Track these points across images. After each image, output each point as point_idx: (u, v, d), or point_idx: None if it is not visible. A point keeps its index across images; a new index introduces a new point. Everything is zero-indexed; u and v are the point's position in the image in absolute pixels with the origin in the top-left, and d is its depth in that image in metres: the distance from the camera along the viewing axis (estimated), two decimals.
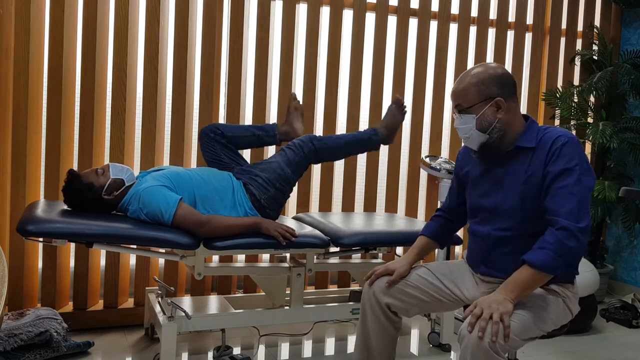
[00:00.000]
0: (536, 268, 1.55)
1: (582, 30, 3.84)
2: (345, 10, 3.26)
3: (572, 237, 1.54)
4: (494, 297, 1.54)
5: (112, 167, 2.32)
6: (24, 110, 2.64)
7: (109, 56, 2.83)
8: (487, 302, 1.53)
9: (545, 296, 1.68)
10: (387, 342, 1.83)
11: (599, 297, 3.61)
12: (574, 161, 1.61)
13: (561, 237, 1.55)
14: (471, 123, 1.71)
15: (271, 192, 2.44)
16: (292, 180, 2.50)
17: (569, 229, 1.55)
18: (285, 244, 2.29)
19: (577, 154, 1.62)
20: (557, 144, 1.64)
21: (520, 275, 1.58)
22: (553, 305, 1.67)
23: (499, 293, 1.56)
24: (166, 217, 2.18)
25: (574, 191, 1.58)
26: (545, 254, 1.55)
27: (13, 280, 2.67)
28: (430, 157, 3.39)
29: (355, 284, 3.36)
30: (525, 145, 1.71)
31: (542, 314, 1.61)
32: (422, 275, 1.86)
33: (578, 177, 1.59)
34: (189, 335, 2.77)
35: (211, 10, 2.95)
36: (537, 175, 1.67)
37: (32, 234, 2.00)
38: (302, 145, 2.51)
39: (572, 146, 1.63)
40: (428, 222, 2.06)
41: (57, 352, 2.38)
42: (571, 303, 1.73)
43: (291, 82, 3.13)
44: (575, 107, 3.65)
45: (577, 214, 1.56)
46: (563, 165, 1.61)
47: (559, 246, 1.55)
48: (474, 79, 1.71)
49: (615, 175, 3.68)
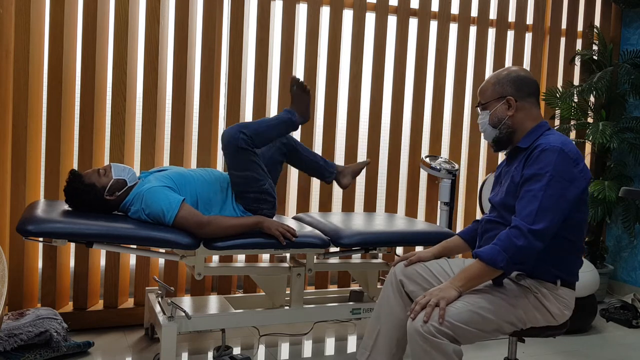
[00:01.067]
0: (482, 260, 1.66)
1: (582, 30, 3.84)
2: (345, 10, 3.26)
3: (522, 236, 1.63)
4: (440, 286, 1.68)
5: (114, 167, 2.31)
6: (24, 110, 2.64)
7: (109, 56, 2.83)
8: (432, 290, 1.67)
9: (510, 288, 1.74)
10: (396, 325, 1.88)
11: (599, 297, 3.61)
12: (547, 168, 1.67)
13: (511, 235, 1.64)
14: (486, 118, 1.87)
15: (250, 197, 2.38)
16: (257, 177, 2.35)
17: (520, 229, 1.63)
18: (285, 244, 2.29)
19: (553, 161, 1.67)
20: (537, 149, 1.72)
21: (470, 267, 1.68)
22: (515, 298, 1.72)
23: (447, 282, 1.69)
24: (168, 218, 2.18)
25: (538, 195, 1.66)
26: (491, 249, 1.65)
27: (13, 280, 2.67)
28: (430, 157, 3.39)
29: (355, 284, 3.36)
30: (520, 146, 1.81)
31: (497, 304, 1.68)
32: (439, 263, 1.95)
33: (546, 183, 1.66)
34: (189, 335, 2.76)
35: (211, 10, 2.95)
36: (517, 176, 1.77)
37: (32, 234, 2.00)
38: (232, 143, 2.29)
39: (550, 153, 1.68)
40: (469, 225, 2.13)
41: (57, 352, 2.38)
42: (549, 302, 1.75)
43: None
44: (575, 107, 3.65)
45: (534, 216, 1.64)
46: (535, 171, 1.69)
47: (507, 243, 1.64)
48: (493, 79, 1.86)
49: (615, 175, 3.68)
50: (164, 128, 2.97)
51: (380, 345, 1.87)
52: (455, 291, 1.65)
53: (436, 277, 1.90)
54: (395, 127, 3.37)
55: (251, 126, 2.35)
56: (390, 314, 1.89)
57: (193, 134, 3.01)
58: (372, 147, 3.31)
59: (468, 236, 2.05)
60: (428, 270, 1.91)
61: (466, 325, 1.60)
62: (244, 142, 2.30)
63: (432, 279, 1.90)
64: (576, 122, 3.70)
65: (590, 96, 3.66)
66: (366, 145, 3.32)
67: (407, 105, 3.42)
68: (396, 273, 1.92)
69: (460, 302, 1.64)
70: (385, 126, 3.38)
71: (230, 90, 3.02)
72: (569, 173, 1.67)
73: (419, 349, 1.57)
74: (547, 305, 1.74)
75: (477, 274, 1.67)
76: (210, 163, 3.00)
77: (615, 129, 3.46)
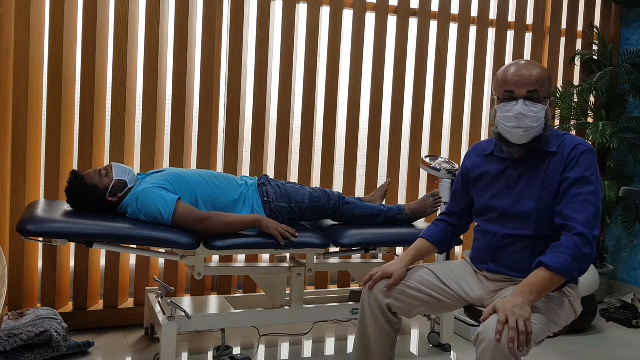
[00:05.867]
0: (553, 271, 1.57)
1: (582, 30, 3.84)
2: (345, 10, 3.26)
3: (588, 244, 1.58)
4: (513, 301, 1.51)
5: (115, 168, 2.31)
6: (24, 110, 2.64)
7: (109, 56, 2.83)
8: (509, 306, 1.50)
9: (555, 298, 1.69)
10: (386, 344, 1.83)
11: (599, 297, 3.61)
12: (591, 170, 1.64)
13: (578, 243, 1.58)
14: (542, 114, 1.69)
15: (284, 204, 2.44)
16: (303, 211, 2.48)
17: (586, 236, 1.58)
18: (284, 244, 2.29)
19: (594, 163, 1.66)
20: (577, 151, 1.67)
21: (537, 278, 1.57)
22: (562, 306, 1.68)
23: (517, 296, 1.53)
24: (165, 217, 2.18)
25: (591, 200, 1.61)
26: (563, 258, 1.57)
27: (13, 280, 2.67)
28: (430, 157, 3.39)
29: (355, 284, 3.36)
30: (547, 150, 1.72)
31: (553, 317, 1.63)
32: (424, 275, 1.86)
33: (595, 187, 1.63)
34: (189, 335, 2.76)
35: (211, 10, 2.95)
36: (554, 180, 1.69)
37: (32, 234, 2.00)
38: (331, 197, 2.53)
39: (590, 155, 1.66)
40: (430, 225, 2.04)
41: (57, 352, 2.38)
42: (576, 303, 1.75)
43: (291, 82, 3.13)
44: (575, 107, 3.65)
45: (592, 222, 1.60)
46: (581, 173, 1.64)
47: (576, 251, 1.57)
48: (545, 73, 1.70)
49: (615, 175, 3.68)
50: (164, 128, 2.97)
51: None
52: (529, 306, 1.52)
53: (425, 291, 1.82)
54: (395, 127, 3.37)
55: (351, 204, 2.61)
56: (379, 335, 1.81)
57: (193, 134, 3.01)
58: (372, 147, 3.31)
59: (437, 239, 1.96)
60: (413, 285, 1.82)
61: (534, 341, 1.56)
62: None
63: (421, 293, 1.82)
64: (576, 122, 3.70)
65: (590, 96, 3.66)
66: (366, 145, 3.32)
67: (407, 105, 3.42)
68: (379, 299, 1.80)
69: (534, 319, 1.57)
70: (385, 126, 3.38)
71: (230, 90, 3.02)
72: (599, 175, 1.67)
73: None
74: (575, 307, 1.74)
75: (548, 285, 1.57)
76: (210, 163, 3.00)
77: (615, 129, 3.46)
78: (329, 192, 2.56)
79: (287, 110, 3.13)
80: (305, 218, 2.51)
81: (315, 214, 2.51)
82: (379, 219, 2.64)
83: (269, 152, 3.18)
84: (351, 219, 2.59)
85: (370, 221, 2.62)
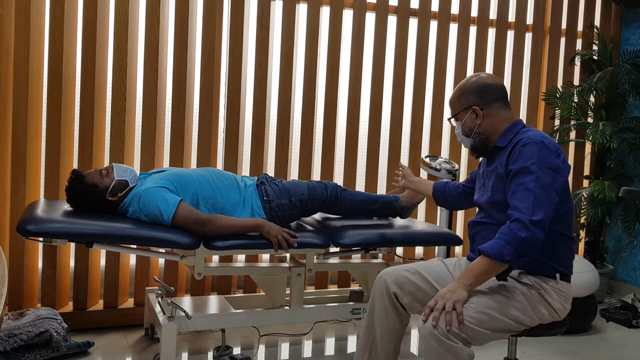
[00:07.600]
0: (487, 255, 1.66)
1: (582, 30, 3.84)
2: (345, 10, 3.26)
3: (524, 228, 1.64)
4: (448, 288, 1.66)
5: (115, 168, 2.31)
6: (24, 110, 2.64)
7: (109, 56, 2.83)
8: (443, 293, 1.64)
9: (513, 286, 1.75)
10: (392, 337, 1.89)
11: (599, 297, 3.61)
12: (532, 160, 1.71)
13: (513, 228, 1.65)
14: (459, 129, 1.94)
15: (285, 201, 2.44)
16: (303, 203, 2.49)
17: (522, 221, 1.65)
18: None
19: (536, 154, 1.72)
20: (519, 144, 1.76)
21: (475, 264, 1.68)
22: (521, 295, 1.73)
23: (454, 282, 1.68)
24: (165, 218, 2.18)
25: (530, 187, 1.69)
26: (496, 243, 1.66)
27: (13, 280, 2.67)
28: (430, 157, 3.38)
29: (355, 284, 3.36)
30: (499, 145, 1.86)
31: (503, 302, 1.69)
32: (435, 267, 1.94)
33: (536, 175, 1.69)
34: (189, 335, 2.76)
35: (211, 10, 2.95)
36: (502, 172, 1.80)
37: (32, 234, 2.00)
38: (327, 185, 2.56)
39: (532, 146, 1.73)
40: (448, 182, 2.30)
41: (57, 352, 2.38)
42: (551, 297, 1.76)
43: (291, 82, 3.13)
44: (575, 107, 3.65)
45: (532, 208, 1.66)
46: (521, 164, 1.73)
47: (511, 236, 1.65)
48: (458, 91, 1.92)
49: (615, 175, 3.68)
50: (164, 128, 2.97)
51: (378, 357, 1.89)
52: (465, 291, 1.65)
53: (430, 284, 1.89)
54: (395, 127, 3.37)
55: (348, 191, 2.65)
56: (385, 325, 1.89)
57: (193, 134, 3.01)
58: (372, 147, 3.31)
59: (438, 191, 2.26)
60: (421, 277, 1.89)
61: (477, 327, 1.61)
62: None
63: (427, 286, 1.89)
64: (576, 122, 3.70)
65: (590, 96, 3.66)
66: (366, 145, 3.33)
67: (407, 105, 3.42)
68: (388, 284, 1.89)
69: (473, 303, 1.65)
70: (385, 126, 3.39)
71: (230, 90, 3.02)
72: (554, 163, 1.71)
73: (434, 352, 1.57)
74: (550, 301, 1.76)
75: (484, 270, 1.66)
76: (210, 163, 3.00)
77: (615, 129, 3.46)
78: (325, 182, 2.59)
79: (287, 110, 3.13)
80: (306, 210, 2.52)
81: (315, 203, 2.52)
82: (376, 205, 2.67)
83: (269, 152, 3.18)
84: (350, 206, 2.61)
85: (368, 207, 2.65)
